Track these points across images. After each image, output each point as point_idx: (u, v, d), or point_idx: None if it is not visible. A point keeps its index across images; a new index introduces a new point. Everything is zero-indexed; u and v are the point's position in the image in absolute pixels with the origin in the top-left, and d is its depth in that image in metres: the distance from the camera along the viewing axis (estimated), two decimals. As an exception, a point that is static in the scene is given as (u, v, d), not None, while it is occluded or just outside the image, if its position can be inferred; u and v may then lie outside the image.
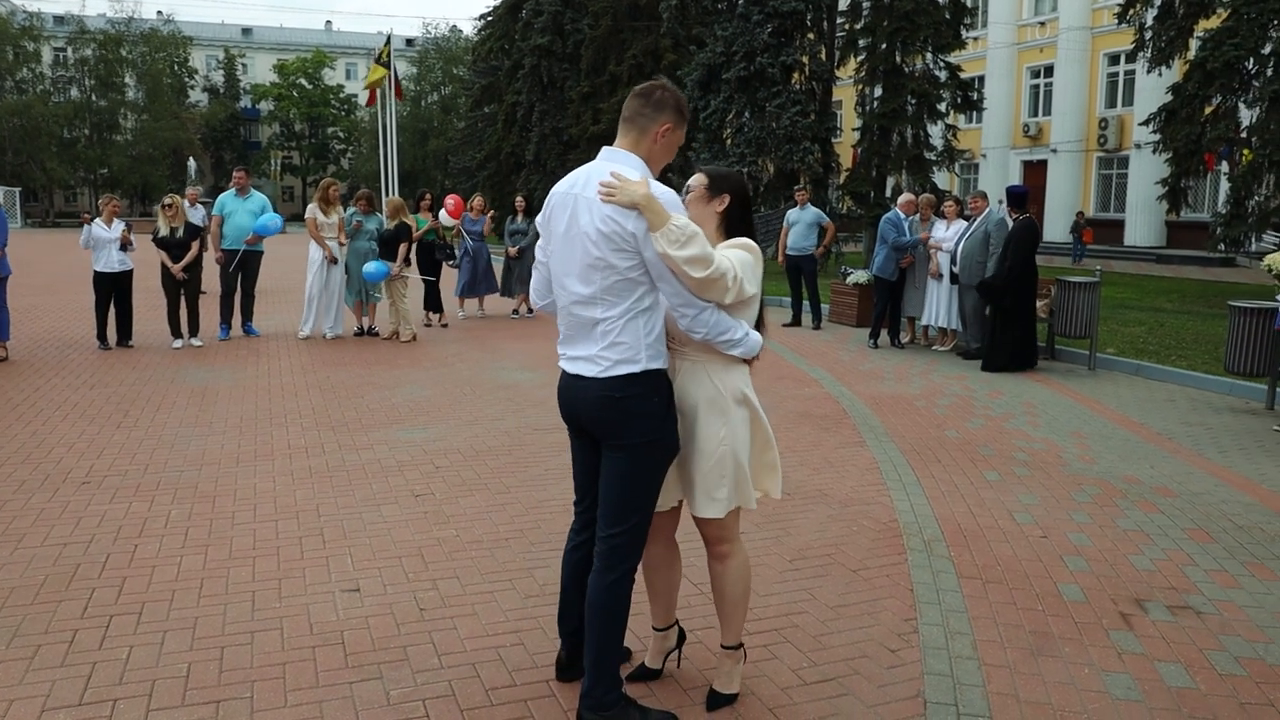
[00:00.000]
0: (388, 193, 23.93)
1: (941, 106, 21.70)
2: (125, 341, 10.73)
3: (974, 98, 22.57)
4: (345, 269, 11.59)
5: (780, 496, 3.32)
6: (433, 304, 13.09)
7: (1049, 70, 35.05)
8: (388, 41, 23.77)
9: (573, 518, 3.28)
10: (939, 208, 11.63)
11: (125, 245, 10.53)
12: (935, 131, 22.42)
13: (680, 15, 25.05)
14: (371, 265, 11.14)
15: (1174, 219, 27.97)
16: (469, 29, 79.24)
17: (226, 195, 11.71)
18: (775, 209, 16.73)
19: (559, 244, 2.97)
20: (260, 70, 72.51)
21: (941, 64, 21.55)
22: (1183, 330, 12.60)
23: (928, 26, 20.49)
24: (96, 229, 10.45)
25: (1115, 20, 20.64)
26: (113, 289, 10.58)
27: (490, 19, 38.68)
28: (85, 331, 11.52)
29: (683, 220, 2.77)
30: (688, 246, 2.74)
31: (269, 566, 4.44)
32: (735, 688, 3.28)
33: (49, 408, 7.70)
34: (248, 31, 76.69)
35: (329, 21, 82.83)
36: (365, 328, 11.96)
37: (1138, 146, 30.03)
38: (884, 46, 21.11)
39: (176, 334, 10.82)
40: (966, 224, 10.70)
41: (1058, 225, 33.69)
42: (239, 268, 11.46)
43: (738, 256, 2.95)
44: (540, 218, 3.09)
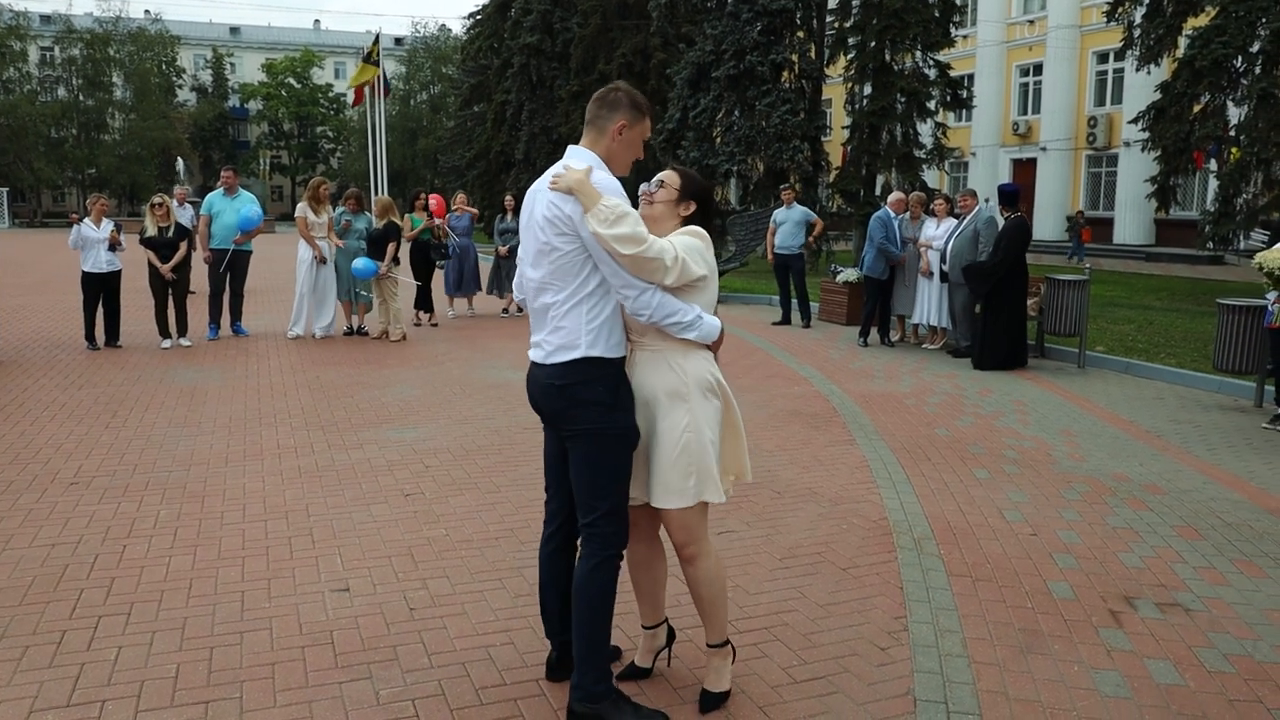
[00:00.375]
0: (377, 192, 23.92)
1: (931, 104, 21.75)
2: (114, 342, 10.69)
3: (963, 96, 22.57)
4: (335, 268, 11.57)
5: (751, 479, 3.36)
6: (423, 303, 13.07)
7: (1038, 68, 35.12)
8: (376, 40, 23.75)
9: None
10: (929, 206, 11.65)
11: (114, 246, 10.49)
12: (925, 130, 22.46)
13: (669, 14, 25.02)
14: (360, 262, 11.11)
15: (1163, 217, 28.14)
16: (458, 28, 79.19)
17: (215, 195, 11.66)
18: (764, 207, 16.75)
19: (523, 235, 3.13)
20: (248, 69, 72.25)
21: (931, 62, 21.61)
22: (1172, 328, 12.66)
23: (917, 24, 20.54)
24: (85, 229, 10.41)
25: (1104, 18, 20.68)
26: (101, 289, 10.53)
27: (479, 18, 38.67)
28: (73, 332, 11.47)
29: (613, 201, 2.83)
30: (617, 225, 2.80)
31: (258, 566, 4.43)
32: (725, 685, 3.27)
33: (37, 408, 7.67)
34: (236, 31, 76.41)
35: (317, 20, 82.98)
36: (355, 327, 11.93)
37: (1127, 144, 30.11)
38: (873, 44, 21.16)
39: (164, 334, 10.78)
40: (956, 222, 10.72)
41: (1047, 223, 33.80)
42: (228, 267, 11.43)
43: (683, 241, 2.97)
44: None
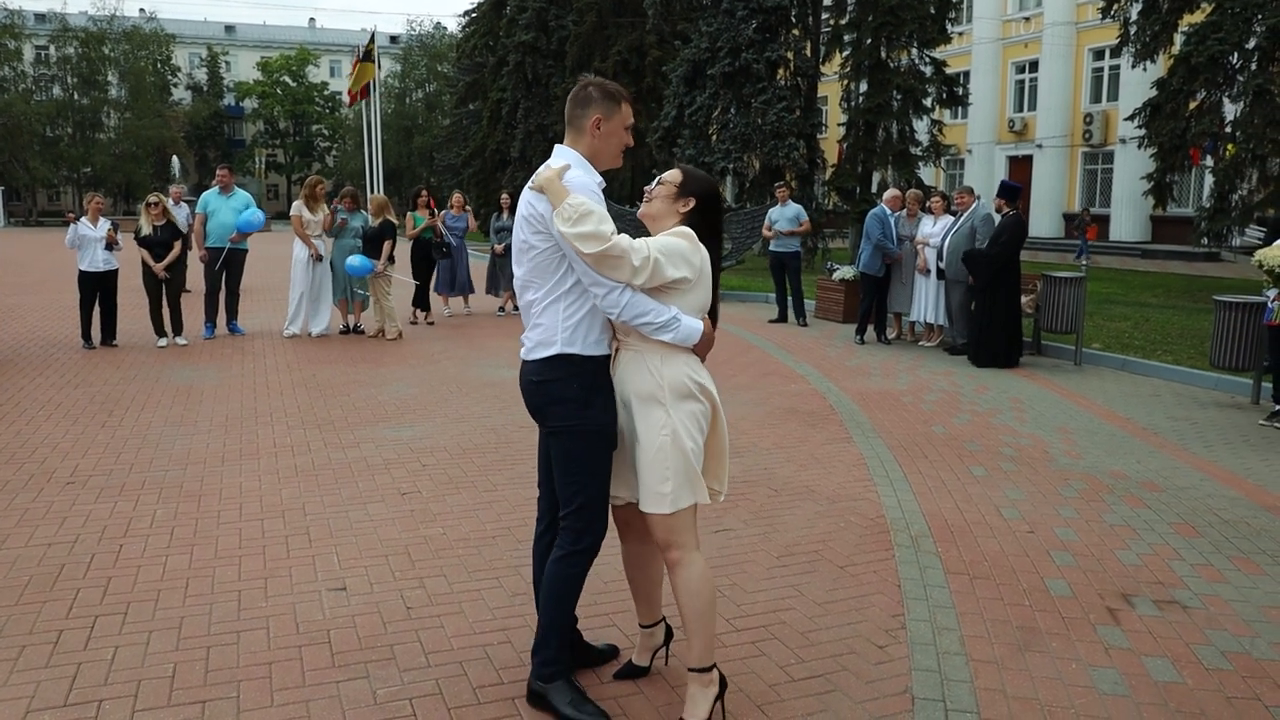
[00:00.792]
0: (373, 190, 23.89)
1: (927, 102, 21.77)
2: (110, 341, 10.66)
3: (959, 93, 22.60)
4: (330, 266, 11.55)
5: (726, 496, 3.22)
6: (420, 301, 13.04)
7: (1034, 65, 35.14)
8: (372, 39, 23.71)
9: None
10: (925, 203, 11.65)
11: (111, 245, 10.47)
12: (921, 127, 22.48)
13: (665, 11, 25.03)
14: (355, 259, 11.09)
15: (1159, 214, 28.15)
16: (453, 25, 78.87)
17: (210, 193, 11.62)
18: (760, 205, 16.79)
19: (513, 234, 3.15)
20: (244, 68, 72.10)
21: (926, 59, 21.62)
22: (1168, 325, 12.66)
23: (912, 21, 20.57)
24: (82, 228, 10.38)
25: (1100, 15, 20.72)
26: (97, 288, 10.51)
27: (474, 15, 38.66)
28: (69, 331, 11.44)
29: (578, 199, 2.83)
30: (579, 224, 2.80)
31: (255, 566, 4.42)
32: (702, 715, 3.01)
33: (33, 407, 7.65)
34: (231, 29, 76.25)
35: (313, 19, 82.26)
36: (351, 325, 11.92)
37: (1123, 141, 30.16)
38: (869, 42, 21.18)
39: (160, 333, 10.76)
40: (953, 219, 10.72)
41: (1043, 221, 33.86)
42: (224, 266, 11.41)
43: (662, 241, 2.92)
44: None
